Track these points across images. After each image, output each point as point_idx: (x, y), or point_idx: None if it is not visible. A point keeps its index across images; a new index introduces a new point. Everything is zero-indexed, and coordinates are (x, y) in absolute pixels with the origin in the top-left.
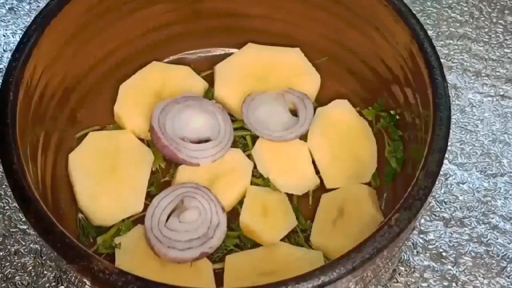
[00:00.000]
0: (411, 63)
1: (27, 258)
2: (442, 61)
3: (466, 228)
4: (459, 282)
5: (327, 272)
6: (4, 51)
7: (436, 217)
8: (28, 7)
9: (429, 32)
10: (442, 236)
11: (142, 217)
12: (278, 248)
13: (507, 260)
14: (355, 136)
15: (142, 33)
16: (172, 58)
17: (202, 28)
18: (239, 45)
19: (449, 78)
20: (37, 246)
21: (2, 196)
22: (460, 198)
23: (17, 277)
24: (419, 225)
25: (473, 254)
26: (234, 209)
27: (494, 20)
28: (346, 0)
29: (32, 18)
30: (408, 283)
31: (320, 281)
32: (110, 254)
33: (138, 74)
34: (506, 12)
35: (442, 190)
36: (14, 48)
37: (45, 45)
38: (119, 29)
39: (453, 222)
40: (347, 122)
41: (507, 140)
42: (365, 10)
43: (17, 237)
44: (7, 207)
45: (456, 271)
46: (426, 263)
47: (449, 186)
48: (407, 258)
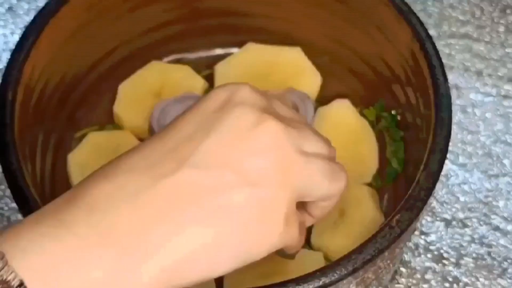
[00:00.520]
0: (413, 63)
1: None
2: (444, 61)
3: (468, 229)
4: (461, 284)
5: (328, 274)
6: (3, 51)
7: (438, 218)
8: (27, 7)
9: (431, 32)
10: (444, 237)
11: None
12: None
13: (509, 261)
14: (356, 136)
15: (142, 33)
16: (172, 58)
17: (202, 28)
18: (240, 45)
19: (451, 78)
20: None
21: (1, 197)
22: (462, 199)
23: None
24: (420, 226)
25: (475, 256)
26: None
27: (496, 20)
28: None
29: (31, 18)
30: (409, 284)
31: (321, 283)
32: None
33: (138, 74)
34: (508, 12)
35: (444, 191)
36: (13, 48)
37: (44, 45)
38: (118, 29)
39: (455, 223)
40: (348, 122)
41: (509, 141)
42: (367, 10)
43: None
44: (6, 208)
45: (458, 272)
46: (427, 264)
47: (451, 187)
48: (408, 259)
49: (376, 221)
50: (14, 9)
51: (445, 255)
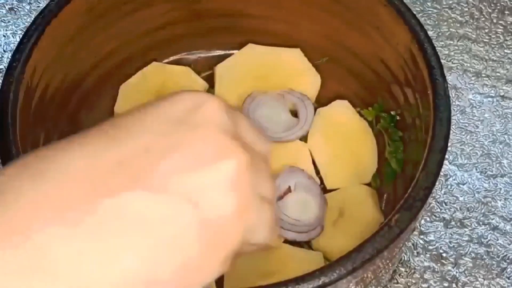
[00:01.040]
0: (411, 64)
1: None
2: (442, 62)
3: (466, 229)
4: (459, 283)
5: (327, 273)
6: (4, 52)
7: (436, 218)
8: (29, 7)
9: (429, 33)
10: (442, 237)
11: None
12: (278, 249)
13: (508, 261)
14: (356, 137)
15: (142, 34)
16: (172, 59)
17: (202, 29)
18: (239, 46)
19: (449, 79)
20: None
21: None
22: (460, 199)
23: None
24: (419, 226)
25: (473, 255)
26: None
27: (495, 21)
28: (347, 0)
29: (32, 19)
30: (409, 284)
31: (321, 282)
32: None
33: (138, 75)
34: (507, 13)
35: (442, 191)
36: (14, 49)
37: (46, 46)
38: (119, 30)
39: (453, 223)
40: (348, 123)
41: (507, 141)
42: (366, 11)
43: None
44: None
45: (456, 272)
46: (426, 264)
47: (449, 187)
48: (407, 259)
49: (375, 221)
50: (16, 10)
51: (444, 255)
